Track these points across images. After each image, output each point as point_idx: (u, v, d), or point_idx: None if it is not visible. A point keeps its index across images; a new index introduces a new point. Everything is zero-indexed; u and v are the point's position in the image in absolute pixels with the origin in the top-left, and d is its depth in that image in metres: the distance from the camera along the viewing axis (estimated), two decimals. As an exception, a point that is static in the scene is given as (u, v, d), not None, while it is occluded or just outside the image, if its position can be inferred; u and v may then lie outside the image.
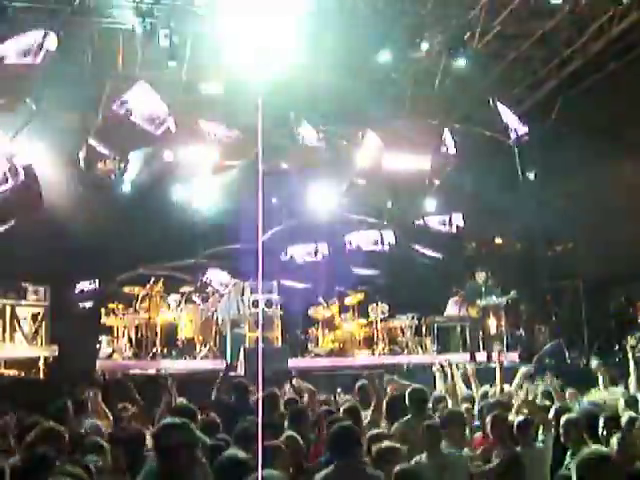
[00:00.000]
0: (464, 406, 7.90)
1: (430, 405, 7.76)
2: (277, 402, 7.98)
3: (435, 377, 9.33)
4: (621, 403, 7.63)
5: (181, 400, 8.37)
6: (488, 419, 6.70)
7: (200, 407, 7.35)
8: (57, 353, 13.42)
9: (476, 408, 7.87)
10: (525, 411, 7.05)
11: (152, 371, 13.56)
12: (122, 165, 14.57)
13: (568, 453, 6.35)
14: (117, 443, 5.79)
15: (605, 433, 6.35)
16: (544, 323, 16.15)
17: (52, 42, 11.64)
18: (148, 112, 11.63)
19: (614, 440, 5.93)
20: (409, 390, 7.53)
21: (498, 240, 17.50)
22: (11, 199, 12.49)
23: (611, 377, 9.44)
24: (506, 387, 8.88)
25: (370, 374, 9.05)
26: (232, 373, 12.86)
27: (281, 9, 11.73)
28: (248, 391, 8.63)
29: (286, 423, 6.86)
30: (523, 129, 13.64)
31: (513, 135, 13.63)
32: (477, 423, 7.47)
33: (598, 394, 8.84)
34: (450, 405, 7.93)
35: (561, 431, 6.50)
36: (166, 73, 13.28)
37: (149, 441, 5.50)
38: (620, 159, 14.69)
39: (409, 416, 7.17)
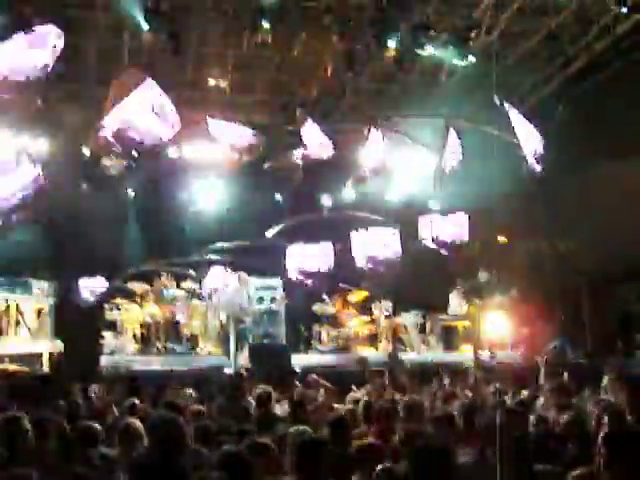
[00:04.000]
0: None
1: None
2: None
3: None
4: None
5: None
6: None
7: None
8: (61, 349, 13.47)
9: None
10: None
11: (156, 367, 13.63)
12: (128, 162, 14.60)
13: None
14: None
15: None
16: (548, 321, 16.15)
17: (58, 38, 11.61)
18: (154, 108, 11.59)
19: None
20: None
21: (502, 238, 17.48)
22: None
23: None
24: None
25: None
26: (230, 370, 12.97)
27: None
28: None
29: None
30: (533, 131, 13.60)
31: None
32: None
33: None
34: None
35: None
36: (172, 69, 13.30)
37: None
38: (625, 157, 14.67)
39: None
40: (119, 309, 14.80)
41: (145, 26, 12.02)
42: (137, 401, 8.34)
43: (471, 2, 13.51)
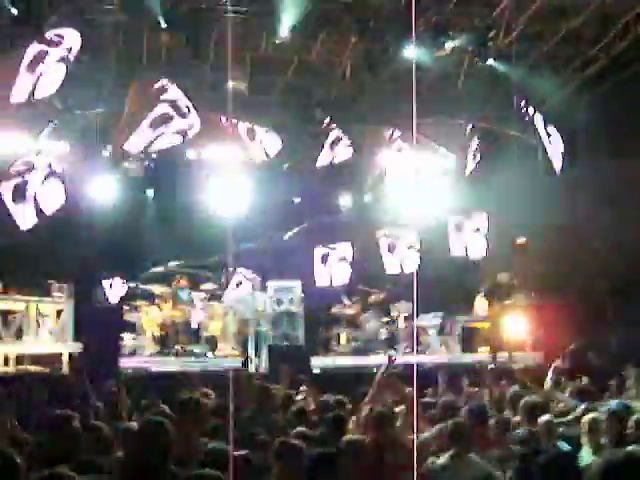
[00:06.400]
0: None
1: None
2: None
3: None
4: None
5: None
6: None
7: None
8: (81, 350, 13.53)
9: None
10: None
11: (174, 368, 13.64)
12: (147, 163, 14.70)
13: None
14: None
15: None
16: (569, 324, 16.00)
17: (76, 40, 11.66)
18: (173, 110, 11.62)
19: None
20: None
21: (522, 240, 17.35)
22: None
23: None
24: None
25: None
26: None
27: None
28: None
29: None
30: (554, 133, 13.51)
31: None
32: None
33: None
34: None
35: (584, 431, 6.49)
36: (191, 71, 13.34)
37: None
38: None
39: None
40: (138, 311, 14.85)
41: (164, 27, 12.09)
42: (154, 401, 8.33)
43: (489, 3, 13.47)
